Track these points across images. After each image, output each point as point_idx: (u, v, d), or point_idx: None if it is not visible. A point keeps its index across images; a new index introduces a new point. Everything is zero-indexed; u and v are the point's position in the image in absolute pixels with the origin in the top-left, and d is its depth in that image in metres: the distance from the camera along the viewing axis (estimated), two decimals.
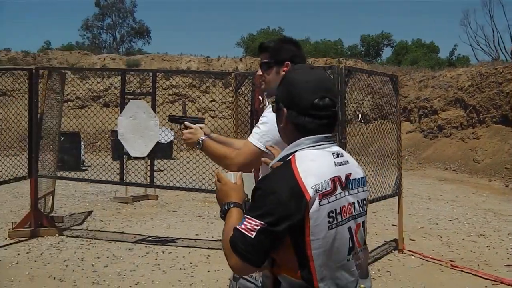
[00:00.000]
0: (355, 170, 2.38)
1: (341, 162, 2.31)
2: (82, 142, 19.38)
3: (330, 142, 2.34)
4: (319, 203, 2.13)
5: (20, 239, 8.48)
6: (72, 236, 8.83)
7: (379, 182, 8.02)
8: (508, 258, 7.83)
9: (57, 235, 8.77)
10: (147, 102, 8.63)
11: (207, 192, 8.61)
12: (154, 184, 8.74)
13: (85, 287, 6.47)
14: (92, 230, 9.40)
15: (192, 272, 7.07)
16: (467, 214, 11.24)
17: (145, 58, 31.95)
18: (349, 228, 2.26)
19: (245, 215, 2.19)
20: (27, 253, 7.81)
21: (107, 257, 7.74)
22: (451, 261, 7.67)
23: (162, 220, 10.34)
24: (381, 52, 62.97)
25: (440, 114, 22.47)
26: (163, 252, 8.04)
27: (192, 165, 8.91)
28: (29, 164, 8.80)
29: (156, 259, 7.66)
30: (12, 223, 8.97)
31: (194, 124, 3.52)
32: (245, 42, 58.98)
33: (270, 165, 2.51)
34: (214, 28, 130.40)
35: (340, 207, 2.22)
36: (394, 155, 8.51)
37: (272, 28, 61.41)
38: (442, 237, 9.20)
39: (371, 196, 7.68)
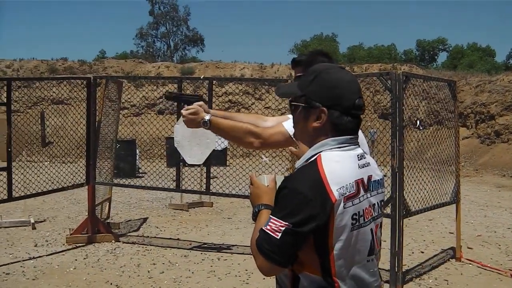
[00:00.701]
0: (375, 171, 2.39)
1: (364, 164, 2.32)
2: (137, 149, 19.62)
3: (355, 144, 2.33)
4: (343, 206, 2.13)
5: (77, 245, 8.63)
6: (128, 243, 8.93)
7: (436, 189, 7.88)
8: None
9: (113, 241, 8.88)
10: None
11: None
12: (210, 191, 8.78)
13: None
14: (148, 236, 9.50)
15: (247, 279, 7.07)
16: None
17: (199, 66, 32.21)
18: (371, 230, 2.29)
19: (271, 216, 2.19)
20: (84, 258, 7.93)
21: (163, 263, 7.81)
22: (510, 270, 7.50)
23: (217, 227, 10.37)
24: (436, 57, 62.30)
25: (497, 120, 22.06)
26: (219, 259, 8.06)
27: (247, 172, 8.90)
28: (86, 171, 8.95)
29: (211, 266, 7.69)
30: (70, 229, 9.12)
31: (193, 103, 3.37)
32: (298, 49, 59.04)
33: (296, 165, 2.44)
34: (267, 35, 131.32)
35: (363, 209, 2.23)
36: (451, 162, 8.37)
37: (325, 34, 61.35)
38: (500, 245, 9.00)
39: (429, 203, 7.59)
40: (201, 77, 15.21)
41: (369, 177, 2.31)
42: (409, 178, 7.25)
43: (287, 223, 2.10)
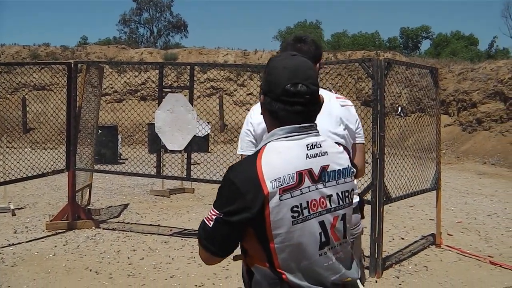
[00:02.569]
0: (336, 161, 2.30)
1: (316, 153, 2.24)
2: (119, 136, 19.54)
3: (307, 133, 2.26)
4: (279, 198, 2.10)
5: (58, 231, 8.59)
6: (109, 229, 8.90)
7: (416, 176, 7.92)
8: None
9: (93, 227, 8.85)
10: (185, 95, 8.64)
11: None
12: (191, 177, 8.75)
13: (121, 280, 6.52)
14: (129, 223, 9.48)
15: (227, 265, 7.01)
16: (506, 209, 11.04)
17: (182, 52, 32.03)
18: (321, 222, 2.21)
19: (212, 205, 2.21)
20: (64, 245, 7.90)
21: (143, 250, 7.80)
22: (489, 256, 7.55)
23: (198, 213, 10.35)
24: (419, 44, 62.50)
25: (479, 107, 22.13)
26: None
27: (228, 158, 8.87)
28: (67, 157, 8.89)
29: (192, 252, 7.66)
30: (50, 215, 9.07)
31: None
32: (282, 36, 58.97)
33: None
34: (251, 22, 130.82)
35: (308, 201, 2.17)
36: (432, 149, 8.39)
37: (309, 21, 61.30)
38: (480, 232, 9.06)
39: (409, 190, 7.61)
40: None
41: (324, 167, 2.24)
42: (390, 165, 7.27)
43: (218, 212, 2.15)
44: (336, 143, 2.44)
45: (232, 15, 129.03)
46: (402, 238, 8.62)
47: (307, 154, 2.22)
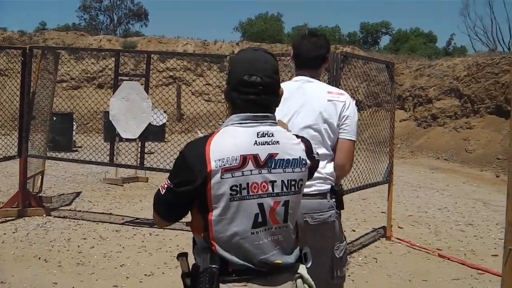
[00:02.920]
0: (286, 151, 2.46)
1: (266, 141, 2.42)
2: (74, 123, 19.36)
3: (260, 122, 2.45)
4: (221, 176, 2.30)
5: (7, 218, 8.47)
6: (60, 217, 8.81)
7: (370, 169, 8.00)
8: (495, 248, 7.80)
9: (44, 215, 8.75)
10: (141, 84, 8.59)
11: None
12: (144, 166, 8.70)
13: (70, 268, 6.45)
14: (80, 211, 9.40)
15: None
16: (456, 203, 11.25)
17: (141, 40, 31.82)
18: (261, 204, 2.38)
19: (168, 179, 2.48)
20: (13, 233, 7.80)
21: (94, 238, 7.74)
22: (438, 249, 7.68)
23: (151, 202, 10.00)
24: (379, 40, 62.98)
25: (435, 103, 22.42)
26: (150, 235, 8.04)
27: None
28: (19, 144, 8.78)
29: (143, 241, 7.66)
30: (0, 202, 8.94)
31: None
32: (242, 27, 58.82)
33: None
34: (212, 12, 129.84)
35: (248, 183, 2.35)
36: (386, 143, 8.49)
37: (270, 13, 61.23)
38: (430, 225, 9.21)
39: (362, 182, 7.69)
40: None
41: (272, 155, 2.41)
42: None
43: (169, 182, 2.42)
44: (296, 135, 2.62)
45: (193, 5, 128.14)
46: (354, 230, 8.70)
47: (255, 141, 2.40)
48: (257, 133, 2.42)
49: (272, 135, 2.45)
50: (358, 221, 9.38)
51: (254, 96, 2.44)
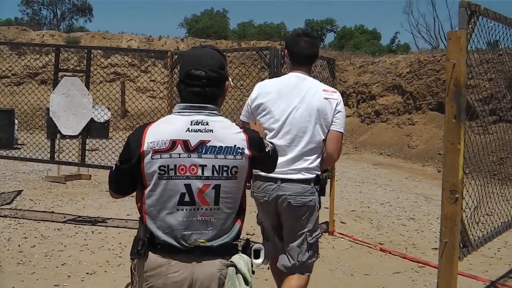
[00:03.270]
0: (219, 139, 2.70)
1: (198, 129, 2.68)
2: (16, 120, 18.98)
3: (196, 111, 2.72)
4: (151, 157, 2.63)
5: None
6: (0, 216, 8.63)
7: None
8: (435, 242, 7.90)
9: None
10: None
11: None
12: (85, 163, 8.59)
13: (10, 268, 6.30)
14: (21, 209, 9.21)
15: (120, 252, 6.98)
16: (398, 198, 11.43)
17: (85, 36, 31.45)
18: (188, 185, 2.66)
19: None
20: None
21: (35, 237, 7.59)
22: (380, 244, 7.78)
23: (94, 200, 10.20)
24: (324, 37, 63.47)
25: (378, 100, 22.73)
26: (93, 233, 7.93)
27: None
28: None
29: (85, 240, 7.55)
30: None
31: None
32: (188, 23, 58.60)
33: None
34: (157, 8, 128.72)
35: (176, 165, 2.65)
36: None
37: (216, 9, 61.13)
38: (372, 220, 9.32)
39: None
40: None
41: (203, 141, 2.66)
42: None
43: (117, 160, 2.79)
44: (242, 127, 2.86)
45: (138, 1, 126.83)
46: None
47: (188, 128, 2.67)
48: (191, 121, 2.68)
49: (207, 123, 2.70)
50: None
51: (199, 88, 2.73)
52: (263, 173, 3.89)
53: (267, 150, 2.90)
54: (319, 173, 4.18)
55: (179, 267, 2.68)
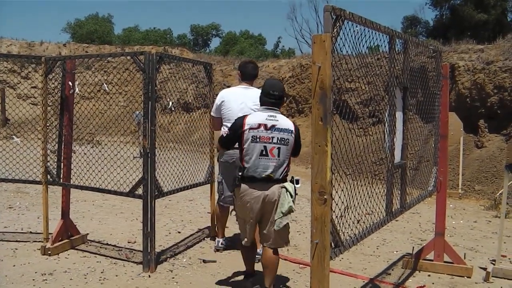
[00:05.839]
0: (282, 124, 5.55)
1: (271, 119, 5.52)
2: None
3: (270, 109, 5.61)
4: (248, 131, 5.46)
5: None
6: None
7: (196, 170, 8.04)
8: None
9: None
10: None
11: (21, 182, 8.32)
12: None
13: None
14: None
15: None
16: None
17: None
18: (265, 146, 5.46)
19: (227, 129, 6.00)
20: None
21: None
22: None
23: None
24: (209, 42, 63.76)
25: None
26: None
27: (5, 155, 8.36)
28: None
29: None
30: None
31: None
32: (71, 27, 57.46)
33: None
34: (38, 12, 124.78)
35: (260, 136, 5.45)
36: (206, 143, 8.57)
37: (101, 14, 60.23)
38: None
39: (187, 183, 7.68)
40: None
41: (273, 125, 5.49)
42: (162, 160, 7.28)
43: (227, 131, 5.87)
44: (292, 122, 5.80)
45: (18, 4, 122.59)
46: (179, 232, 8.73)
47: (266, 118, 5.50)
48: (268, 115, 5.54)
49: (275, 116, 5.54)
50: (184, 222, 9.44)
51: (274, 100, 5.64)
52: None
53: (300, 139, 5.80)
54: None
55: (258, 188, 5.49)
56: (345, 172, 4.25)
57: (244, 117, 5.56)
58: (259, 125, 5.42)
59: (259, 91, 6.10)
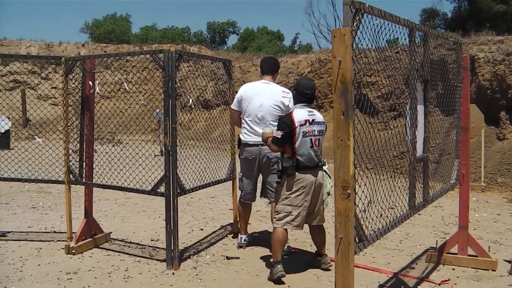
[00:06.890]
0: (318, 118, 6.41)
1: (311, 114, 6.34)
2: None
3: (308, 106, 6.41)
4: (299, 127, 6.19)
5: None
6: None
7: (218, 167, 8.06)
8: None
9: None
10: None
11: (44, 182, 8.33)
12: None
13: None
14: None
15: (21, 266, 6.77)
16: None
17: None
18: (311, 139, 6.27)
19: (278, 131, 6.32)
20: None
21: None
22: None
23: None
24: (226, 39, 63.77)
25: None
26: None
27: (27, 155, 8.42)
28: None
29: None
30: None
31: None
32: (89, 28, 57.69)
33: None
34: (57, 13, 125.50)
35: (308, 131, 6.25)
36: (227, 140, 8.56)
37: (119, 14, 60.44)
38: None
39: (208, 180, 7.69)
40: None
41: (313, 119, 6.31)
42: (184, 157, 7.29)
43: (280, 132, 6.27)
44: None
45: (37, 5, 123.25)
46: (202, 229, 8.75)
47: (307, 114, 6.31)
48: (308, 111, 6.33)
49: (313, 112, 6.38)
50: (206, 219, 9.46)
51: (307, 98, 6.41)
52: (250, 141, 7.33)
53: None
54: None
55: (310, 174, 6.29)
56: (367, 167, 4.22)
57: (290, 115, 6.34)
58: (305, 121, 6.26)
59: (280, 88, 7.36)
